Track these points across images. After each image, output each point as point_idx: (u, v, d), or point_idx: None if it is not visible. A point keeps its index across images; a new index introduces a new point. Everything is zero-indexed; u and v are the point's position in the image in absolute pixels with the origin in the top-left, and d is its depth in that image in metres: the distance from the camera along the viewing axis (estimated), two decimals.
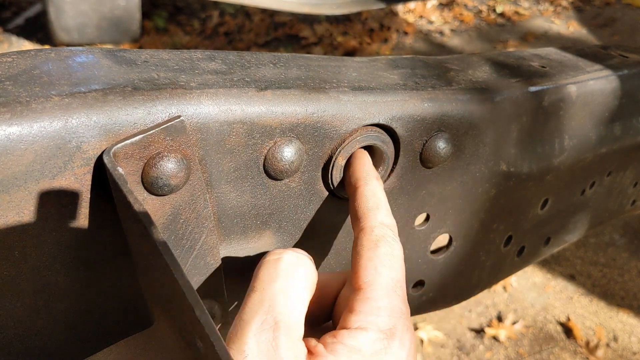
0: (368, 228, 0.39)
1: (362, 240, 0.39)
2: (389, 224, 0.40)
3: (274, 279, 0.35)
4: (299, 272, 0.36)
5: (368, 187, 0.42)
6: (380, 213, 0.40)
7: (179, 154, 0.35)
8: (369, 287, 0.36)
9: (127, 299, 0.40)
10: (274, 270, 0.36)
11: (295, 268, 0.36)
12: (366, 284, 0.36)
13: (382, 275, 0.37)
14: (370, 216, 0.40)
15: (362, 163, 0.44)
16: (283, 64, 0.44)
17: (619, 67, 0.63)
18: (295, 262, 0.36)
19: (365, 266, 0.37)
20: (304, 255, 0.38)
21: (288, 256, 0.37)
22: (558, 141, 0.59)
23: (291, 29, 3.61)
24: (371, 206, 0.41)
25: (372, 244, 0.38)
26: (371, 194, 0.41)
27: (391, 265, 0.37)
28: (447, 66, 0.54)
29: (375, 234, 0.39)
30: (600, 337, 1.77)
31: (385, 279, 0.37)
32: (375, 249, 0.38)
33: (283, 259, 0.36)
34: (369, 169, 0.44)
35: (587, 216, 0.74)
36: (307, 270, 0.37)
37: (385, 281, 0.36)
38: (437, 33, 3.61)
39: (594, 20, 3.61)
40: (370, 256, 0.37)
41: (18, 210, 0.32)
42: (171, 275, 0.27)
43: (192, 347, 0.29)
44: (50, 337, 0.38)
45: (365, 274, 0.37)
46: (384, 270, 0.37)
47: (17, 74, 0.34)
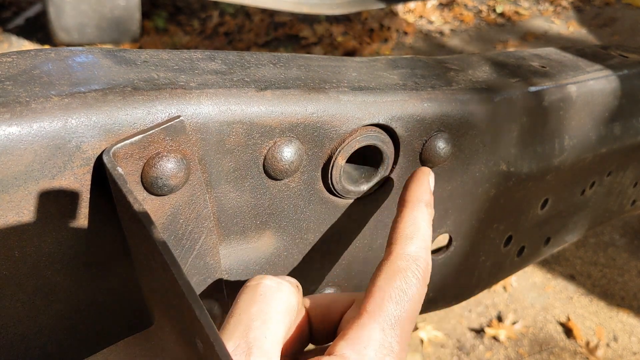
0: (393, 257, 0.38)
1: (383, 267, 0.38)
2: (416, 258, 0.38)
3: (251, 304, 0.34)
4: (277, 297, 0.35)
5: (412, 212, 0.40)
6: (412, 244, 0.39)
7: (179, 154, 0.35)
8: (368, 316, 0.35)
9: (127, 299, 0.40)
10: (252, 295, 0.35)
11: (273, 293, 0.35)
12: (367, 313, 0.35)
13: (386, 309, 0.35)
14: (400, 245, 0.39)
15: (419, 183, 0.43)
16: (283, 64, 0.44)
17: (619, 67, 0.63)
18: (274, 287, 0.36)
19: (374, 295, 0.36)
20: (285, 281, 0.37)
21: (267, 281, 0.36)
22: (558, 141, 0.59)
23: (291, 29, 3.61)
24: (406, 234, 0.39)
25: (390, 274, 0.37)
26: (412, 221, 0.40)
27: (398, 301, 0.36)
28: (447, 66, 0.54)
29: (396, 265, 0.37)
30: (600, 337, 1.77)
31: (387, 313, 0.35)
32: (391, 280, 0.37)
33: (262, 284, 0.36)
34: (423, 192, 0.42)
35: (587, 216, 0.74)
36: (287, 295, 0.36)
37: (387, 316, 0.35)
38: (437, 33, 3.61)
39: (594, 20, 3.61)
40: (382, 286, 0.36)
41: (18, 210, 0.32)
42: (171, 275, 0.27)
43: (192, 347, 0.29)
44: (50, 337, 0.38)
45: (370, 302, 0.36)
46: (389, 304, 0.36)
47: (17, 74, 0.34)
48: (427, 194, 0.42)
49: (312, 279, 0.51)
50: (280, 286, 0.36)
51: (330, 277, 0.51)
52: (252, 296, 0.35)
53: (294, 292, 0.37)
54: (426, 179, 0.43)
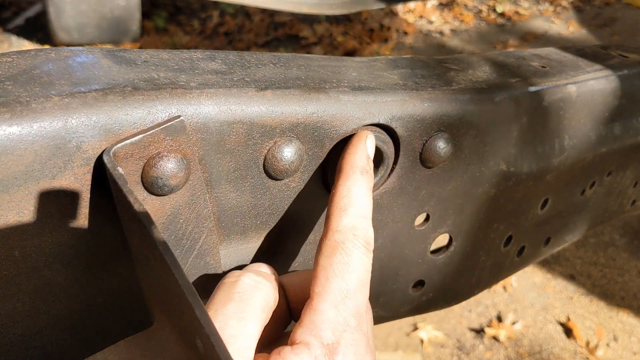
0: (329, 232, 0.37)
1: (321, 244, 0.37)
2: (352, 228, 0.37)
3: (228, 302, 0.34)
4: (255, 295, 0.34)
5: (345, 183, 0.39)
6: (347, 215, 0.37)
7: (179, 153, 0.35)
8: (317, 297, 0.35)
9: (127, 298, 0.40)
10: (229, 293, 0.34)
11: (251, 291, 0.35)
12: (316, 295, 0.35)
13: (332, 286, 0.35)
14: (335, 219, 0.37)
15: (353, 150, 0.41)
16: (283, 64, 0.44)
17: (619, 67, 0.63)
18: (252, 285, 0.35)
19: (318, 275, 0.35)
20: (264, 278, 0.36)
21: (245, 279, 0.35)
22: (558, 141, 0.59)
23: (291, 29, 3.61)
24: (340, 207, 0.38)
25: (329, 250, 0.36)
26: (345, 192, 0.38)
27: (343, 275, 0.35)
28: (447, 66, 0.54)
29: (334, 240, 0.36)
30: (600, 337, 1.77)
31: (334, 289, 0.35)
32: (331, 256, 0.36)
33: (240, 281, 0.35)
34: (357, 158, 0.40)
35: (587, 216, 0.74)
36: (265, 293, 0.35)
37: (335, 292, 0.35)
38: (437, 33, 3.61)
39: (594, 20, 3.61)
40: (324, 264, 0.36)
41: (18, 210, 0.32)
42: (171, 275, 0.27)
43: (192, 347, 0.29)
44: (50, 337, 0.38)
45: (316, 283, 0.35)
46: (334, 280, 0.35)
47: (17, 74, 0.34)
48: (362, 160, 0.40)
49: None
50: (259, 285, 0.35)
51: None
52: (228, 293, 0.34)
53: (272, 288, 0.36)
54: (361, 144, 0.41)
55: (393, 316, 0.59)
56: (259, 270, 0.38)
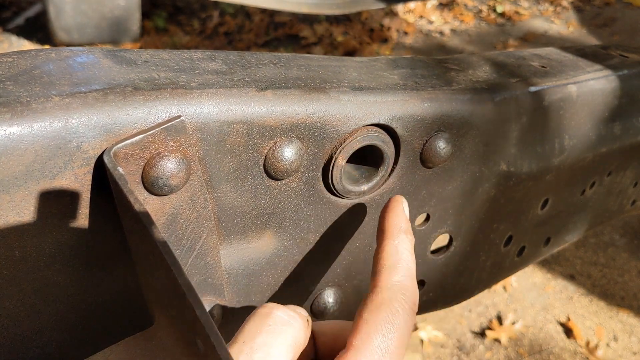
0: (378, 288, 0.37)
1: (368, 299, 0.37)
2: (402, 287, 0.37)
3: (257, 334, 0.33)
4: (285, 331, 0.34)
5: (393, 242, 0.40)
6: (396, 274, 0.38)
7: (179, 154, 0.35)
8: (355, 351, 0.34)
9: (127, 298, 0.40)
10: (259, 325, 0.34)
11: (282, 326, 0.34)
12: (354, 347, 0.34)
13: (373, 342, 0.34)
14: (385, 275, 0.38)
15: (395, 212, 0.42)
16: (283, 64, 0.44)
17: (619, 67, 0.63)
18: (285, 319, 0.35)
19: (359, 329, 0.35)
20: (297, 314, 0.36)
21: (279, 312, 0.35)
22: (558, 141, 0.59)
23: (291, 29, 3.61)
24: (390, 264, 0.38)
25: (375, 306, 0.36)
26: (393, 251, 0.39)
27: (385, 333, 0.35)
28: (447, 66, 0.54)
29: (382, 296, 0.36)
30: (600, 337, 1.77)
31: (374, 346, 0.34)
32: (376, 312, 0.36)
33: (272, 314, 0.35)
34: (400, 220, 0.41)
35: (587, 216, 0.74)
36: (295, 331, 0.35)
37: (374, 349, 0.34)
38: (437, 33, 3.61)
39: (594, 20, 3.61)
40: (368, 319, 0.35)
41: (18, 210, 0.32)
42: (171, 275, 0.27)
43: (192, 347, 0.29)
44: (50, 337, 0.38)
45: (356, 336, 0.35)
46: (376, 337, 0.34)
47: (18, 74, 0.34)
48: (405, 222, 0.42)
49: (312, 279, 0.51)
50: (291, 320, 0.35)
51: (331, 277, 0.52)
52: (259, 325, 0.34)
53: (303, 327, 0.35)
54: (401, 207, 0.42)
55: None
56: (293, 308, 0.37)
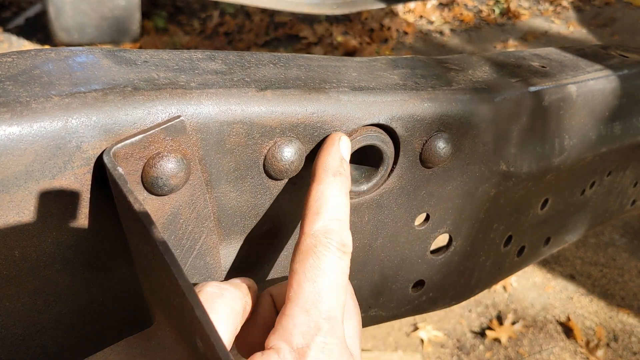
0: (302, 237, 0.37)
1: (294, 251, 0.36)
2: (325, 231, 0.36)
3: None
4: (219, 302, 0.34)
5: (318, 186, 0.38)
6: (319, 219, 0.37)
7: (179, 153, 0.35)
8: (289, 303, 0.34)
9: (127, 298, 0.40)
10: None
11: (214, 299, 0.34)
12: (289, 300, 0.34)
13: (303, 290, 0.34)
14: (308, 223, 0.37)
15: (326, 152, 0.40)
16: (283, 64, 0.44)
17: (619, 67, 0.63)
18: (216, 292, 0.34)
19: (291, 281, 0.35)
20: (229, 285, 0.36)
21: (208, 288, 0.35)
22: (558, 141, 0.59)
23: (291, 29, 3.61)
24: (313, 210, 0.37)
25: (301, 255, 0.36)
26: (318, 195, 0.38)
27: (314, 279, 0.34)
28: (447, 66, 0.54)
29: (305, 244, 0.36)
30: (600, 337, 1.77)
31: (305, 294, 0.34)
32: (303, 261, 0.35)
33: (202, 291, 0.34)
34: (330, 160, 0.40)
35: (587, 216, 0.74)
36: (230, 300, 0.34)
37: (306, 296, 0.34)
38: (437, 33, 3.61)
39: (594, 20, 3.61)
40: (296, 269, 0.35)
41: (18, 210, 0.32)
42: (171, 275, 0.27)
43: (192, 347, 0.29)
44: (50, 337, 0.38)
45: (289, 289, 0.35)
46: (305, 284, 0.34)
47: (17, 74, 0.34)
48: (335, 161, 0.40)
49: None
50: (223, 292, 0.35)
51: None
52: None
53: (239, 295, 0.35)
54: (334, 146, 0.40)
55: (393, 316, 0.59)
56: (229, 280, 0.37)
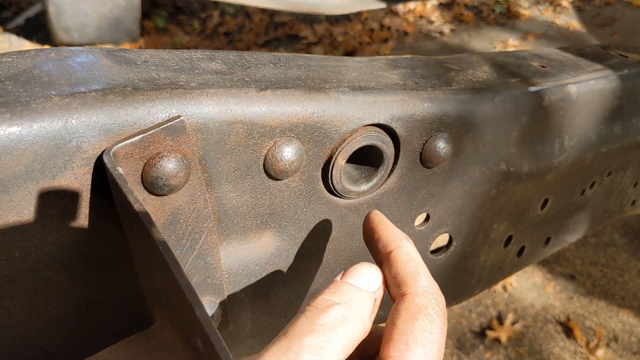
0: (409, 295, 0.35)
1: (400, 308, 0.35)
2: (432, 292, 0.36)
3: (308, 333, 0.31)
4: (339, 331, 0.32)
5: (403, 250, 0.39)
6: (422, 278, 0.37)
7: (179, 154, 0.35)
8: None
9: (127, 299, 0.40)
10: (311, 322, 0.32)
11: (336, 326, 0.32)
12: (393, 359, 0.33)
13: (413, 354, 0.33)
14: (411, 282, 0.36)
15: (386, 224, 0.41)
16: (283, 64, 0.44)
17: (619, 67, 0.63)
18: (340, 318, 0.32)
19: (397, 339, 0.33)
20: (355, 312, 0.34)
21: (334, 311, 0.33)
22: (558, 141, 0.59)
23: (291, 29, 3.61)
24: (411, 271, 0.37)
25: (410, 314, 0.34)
26: (408, 257, 0.38)
27: (425, 343, 0.33)
28: (447, 66, 0.54)
29: (415, 303, 0.35)
30: (600, 337, 1.77)
31: (414, 358, 0.33)
32: (413, 321, 0.34)
33: (328, 313, 0.32)
34: (395, 229, 0.41)
35: (587, 216, 0.74)
36: (350, 331, 0.33)
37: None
38: (437, 33, 3.61)
39: (594, 20, 3.61)
40: (404, 329, 0.34)
41: (18, 210, 0.32)
42: (171, 275, 0.27)
43: (192, 347, 0.29)
44: (50, 337, 0.38)
45: (394, 347, 0.33)
46: (416, 348, 0.33)
47: (17, 74, 0.34)
48: (398, 229, 0.41)
49: (312, 278, 0.51)
50: (346, 321, 0.33)
51: (331, 276, 0.51)
52: (311, 323, 0.32)
53: (359, 327, 0.34)
54: (385, 218, 0.42)
55: None
56: (353, 300, 0.35)
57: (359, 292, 0.35)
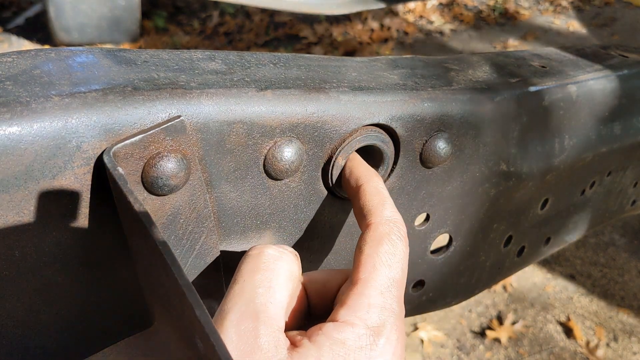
0: (374, 224, 0.39)
1: (366, 236, 0.39)
2: (395, 220, 0.40)
3: (255, 272, 0.36)
4: (280, 265, 0.37)
5: (371, 184, 0.42)
6: (386, 209, 0.40)
7: (179, 153, 0.35)
8: (364, 283, 0.36)
9: (127, 299, 0.40)
10: (255, 264, 0.36)
11: (275, 261, 0.37)
12: (362, 280, 0.36)
13: (380, 273, 0.37)
14: (376, 212, 0.40)
15: (359, 162, 0.44)
16: (283, 64, 0.44)
17: (619, 67, 0.63)
18: (276, 255, 0.37)
19: (364, 262, 0.37)
20: (286, 250, 0.38)
21: (270, 250, 0.37)
22: (558, 141, 0.59)
23: (291, 29, 3.61)
24: (376, 203, 0.41)
25: (375, 241, 0.38)
26: (375, 191, 0.42)
27: (390, 264, 0.37)
28: (447, 66, 0.54)
29: (379, 231, 0.39)
30: (600, 337, 1.77)
31: (382, 277, 0.37)
32: (378, 246, 0.38)
33: (264, 253, 0.37)
34: (367, 167, 0.44)
35: (587, 216, 0.74)
36: (288, 264, 0.37)
37: (382, 279, 0.36)
38: (437, 33, 3.61)
39: (594, 20, 3.61)
40: (371, 253, 0.38)
41: (18, 210, 0.32)
42: (171, 275, 0.27)
43: (192, 347, 0.29)
44: (50, 337, 0.38)
45: (362, 270, 0.37)
46: (382, 268, 0.37)
47: (17, 74, 0.34)
48: (371, 168, 0.44)
49: None
50: (282, 255, 0.37)
51: None
52: (255, 265, 0.36)
53: (294, 260, 0.38)
54: (360, 158, 0.45)
55: None
56: (280, 245, 0.40)
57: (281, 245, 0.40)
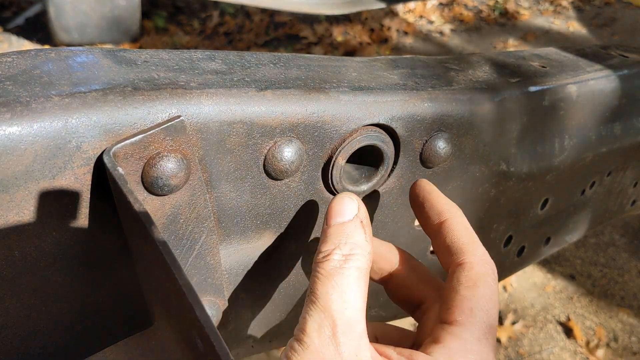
0: (468, 264, 0.38)
1: (460, 276, 0.38)
2: (489, 261, 0.38)
3: (325, 280, 0.35)
4: (347, 268, 0.35)
5: (456, 219, 0.40)
6: (478, 248, 0.39)
7: (179, 154, 0.35)
8: (461, 327, 0.35)
9: (127, 299, 0.40)
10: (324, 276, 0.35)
11: (342, 266, 0.35)
12: (458, 323, 0.36)
13: (478, 319, 0.36)
14: (469, 251, 0.39)
15: (438, 195, 0.43)
16: (283, 64, 0.44)
17: (619, 67, 0.63)
18: (341, 260, 0.36)
19: (461, 305, 0.36)
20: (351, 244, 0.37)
21: (335, 255, 0.36)
22: (558, 141, 0.59)
23: (291, 29, 3.61)
24: (468, 240, 0.39)
25: (472, 282, 0.37)
26: (463, 227, 0.40)
27: (487, 309, 0.36)
28: (447, 66, 0.54)
29: (475, 271, 0.37)
30: (600, 337, 1.77)
31: (479, 322, 0.36)
32: (474, 288, 0.37)
33: (330, 259, 0.36)
34: (447, 199, 0.42)
35: (587, 216, 0.74)
36: (354, 262, 0.36)
37: (480, 325, 0.36)
38: (437, 33, 3.61)
39: (594, 20, 3.61)
40: (467, 295, 0.36)
41: (18, 210, 0.32)
42: (171, 275, 0.27)
43: (192, 347, 0.29)
44: (50, 337, 0.38)
45: (458, 312, 0.36)
46: (479, 313, 0.36)
47: (17, 74, 0.34)
48: (449, 199, 0.43)
49: None
50: (348, 257, 0.36)
51: None
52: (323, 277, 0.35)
53: (361, 252, 0.37)
54: (434, 187, 0.43)
55: (394, 316, 0.59)
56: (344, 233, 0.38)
57: (345, 225, 0.38)
